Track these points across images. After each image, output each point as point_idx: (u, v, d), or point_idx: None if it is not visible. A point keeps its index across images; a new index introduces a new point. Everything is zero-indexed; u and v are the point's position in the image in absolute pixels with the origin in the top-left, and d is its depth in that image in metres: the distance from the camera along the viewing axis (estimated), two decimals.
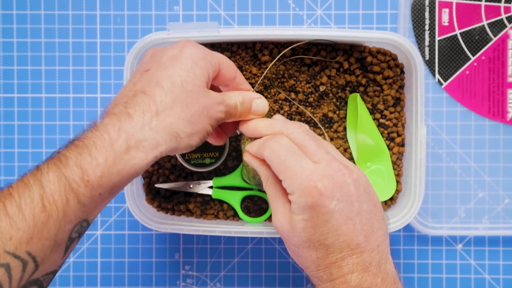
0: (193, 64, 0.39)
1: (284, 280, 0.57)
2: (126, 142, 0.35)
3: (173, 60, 0.39)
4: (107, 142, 0.34)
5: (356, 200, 0.37)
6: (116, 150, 0.34)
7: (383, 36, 0.48)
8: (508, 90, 0.56)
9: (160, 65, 0.39)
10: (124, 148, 0.35)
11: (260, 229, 0.49)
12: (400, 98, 0.52)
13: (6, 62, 0.57)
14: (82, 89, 0.57)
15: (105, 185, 0.34)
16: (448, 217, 0.56)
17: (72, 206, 0.33)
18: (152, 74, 0.38)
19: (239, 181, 0.51)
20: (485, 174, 0.56)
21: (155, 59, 0.40)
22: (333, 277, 0.36)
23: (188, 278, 0.57)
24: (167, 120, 0.36)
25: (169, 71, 0.38)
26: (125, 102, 0.37)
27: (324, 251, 0.37)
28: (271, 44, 0.51)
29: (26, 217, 0.32)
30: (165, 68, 0.38)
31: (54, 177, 0.33)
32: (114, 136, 0.35)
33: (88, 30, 0.57)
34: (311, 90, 0.51)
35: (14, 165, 0.57)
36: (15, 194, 0.33)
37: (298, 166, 0.37)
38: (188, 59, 0.39)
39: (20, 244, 0.32)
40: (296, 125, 0.41)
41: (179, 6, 0.57)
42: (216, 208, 0.53)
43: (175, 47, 0.40)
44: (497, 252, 0.57)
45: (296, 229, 0.37)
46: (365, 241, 0.37)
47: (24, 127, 0.57)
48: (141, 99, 0.36)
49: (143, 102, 0.36)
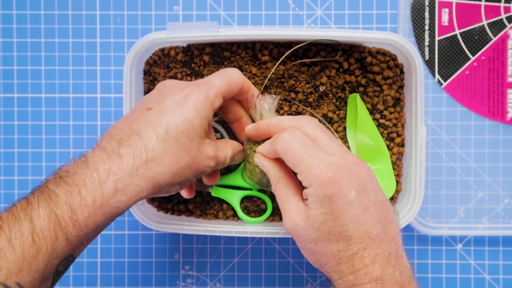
0: (195, 114, 0.40)
1: (284, 280, 0.57)
2: (114, 185, 0.36)
3: (176, 105, 0.39)
4: (96, 183, 0.35)
5: (371, 190, 0.37)
6: (104, 192, 0.35)
7: (382, 36, 0.48)
8: (508, 90, 0.56)
9: (162, 107, 0.40)
10: (112, 191, 0.36)
11: (260, 229, 0.49)
12: (400, 98, 0.52)
13: (6, 62, 0.57)
14: (82, 89, 0.57)
15: (91, 225, 0.35)
16: (448, 217, 0.56)
17: (60, 242, 0.34)
18: (152, 116, 0.39)
19: (239, 181, 0.51)
20: (485, 174, 0.56)
21: (160, 98, 0.40)
22: (355, 269, 0.36)
23: (188, 278, 0.57)
24: (154, 170, 0.37)
25: (168, 118, 0.39)
26: (119, 140, 0.38)
27: (345, 243, 0.37)
28: (271, 44, 0.51)
29: (16, 250, 0.33)
30: (166, 113, 0.39)
31: (44, 214, 0.34)
32: (103, 177, 0.36)
33: (88, 30, 0.57)
34: (310, 90, 0.51)
35: (14, 165, 0.57)
36: (5, 227, 0.34)
37: (314, 157, 0.37)
38: (191, 108, 0.40)
39: (10, 275, 0.32)
40: (305, 118, 0.41)
41: (179, 6, 0.57)
42: (216, 208, 0.53)
43: (182, 91, 0.41)
44: (497, 252, 0.57)
45: (315, 224, 0.37)
46: (383, 231, 0.37)
47: (24, 127, 0.57)
48: (134, 142, 0.37)
49: (136, 146, 0.37)
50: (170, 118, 0.39)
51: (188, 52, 0.51)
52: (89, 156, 0.37)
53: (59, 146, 0.57)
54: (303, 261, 0.57)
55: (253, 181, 0.49)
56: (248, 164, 0.48)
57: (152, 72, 0.52)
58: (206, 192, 0.52)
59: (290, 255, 0.57)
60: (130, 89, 0.48)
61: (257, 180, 0.47)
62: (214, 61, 0.51)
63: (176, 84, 0.42)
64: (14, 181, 0.57)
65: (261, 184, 0.48)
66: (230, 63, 0.51)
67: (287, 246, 0.57)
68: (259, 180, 0.47)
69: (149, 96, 0.42)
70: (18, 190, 0.57)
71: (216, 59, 0.51)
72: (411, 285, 0.37)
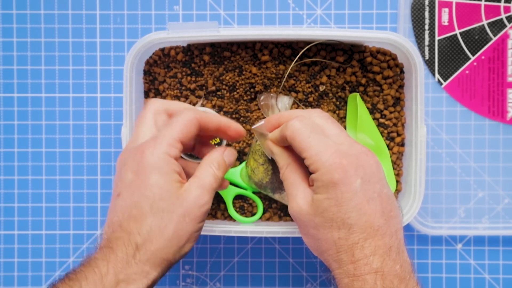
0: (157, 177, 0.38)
1: (284, 280, 0.57)
2: (115, 276, 0.36)
3: (136, 178, 0.38)
4: (97, 276, 0.36)
5: (377, 182, 0.37)
6: (105, 284, 0.35)
7: (383, 35, 0.48)
8: (508, 89, 0.56)
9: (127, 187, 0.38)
10: (113, 282, 0.36)
11: (260, 229, 0.49)
12: (400, 98, 0.52)
13: (6, 61, 0.57)
14: (82, 89, 0.57)
15: None
16: (448, 217, 0.56)
17: None
18: (123, 201, 0.38)
19: (237, 178, 0.51)
20: (485, 174, 0.56)
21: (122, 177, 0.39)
22: (355, 259, 0.36)
23: (188, 278, 0.57)
24: (150, 250, 0.37)
25: (135, 197, 0.38)
26: (108, 237, 0.38)
27: (346, 231, 0.36)
28: (271, 44, 0.51)
29: None
30: (132, 192, 0.38)
31: None
32: (104, 270, 0.36)
33: (88, 29, 0.57)
34: (311, 89, 0.51)
35: (14, 165, 0.57)
36: None
37: (322, 143, 0.37)
38: (149, 173, 0.38)
39: None
40: (317, 110, 0.41)
41: (179, 5, 0.57)
42: (214, 207, 0.53)
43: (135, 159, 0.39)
44: (497, 252, 0.57)
45: (319, 209, 0.37)
46: (386, 224, 0.37)
47: (24, 126, 0.57)
48: (119, 235, 0.37)
49: (122, 238, 0.37)
50: (137, 195, 0.38)
51: (188, 52, 0.51)
52: (91, 254, 0.38)
53: (59, 146, 0.57)
54: (303, 261, 0.57)
55: (252, 181, 0.48)
56: (253, 161, 0.47)
57: (152, 72, 0.52)
58: None
59: (290, 255, 0.57)
60: (130, 89, 0.48)
61: (257, 179, 0.47)
62: (214, 61, 0.51)
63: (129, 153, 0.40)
64: (14, 181, 0.57)
65: (260, 185, 0.48)
66: (230, 62, 0.51)
67: (287, 246, 0.57)
68: (259, 180, 0.47)
69: (115, 177, 0.41)
70: (18, 190, 0.57)
71: (216, 59, 0.51)
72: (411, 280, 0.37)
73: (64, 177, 0.57)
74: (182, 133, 0.39)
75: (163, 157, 0.38)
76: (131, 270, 0.36)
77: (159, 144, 0.38)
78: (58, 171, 0.57)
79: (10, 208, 0.57)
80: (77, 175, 0.57)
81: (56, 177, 0.57)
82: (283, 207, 0.53)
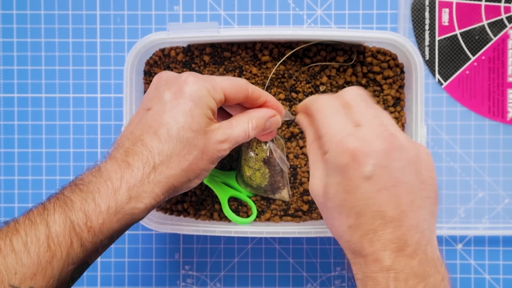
0: (192, 104, 0.39)
1: (284, 280, 0.57)
2: (127, 192, 0.36)
3: (173, 99, 0.39)
4: (110, 190, 0.36)
5: (395, 170, 0.34)
6: (118, 200, 0.36)
7: (383, 36, 0.48)
8: (508, 90, 0.56)
9: (160, 105, 0.39)
10: (125, 198, 0.36)
11: (260, 229, 0.49)
12: (400, 98, 0.52)
13: (6, 62, 0.57)
14: (82, 89, 0.57)
15: (106, 231, 0.36)
16: (448, 217, 0.56)
17: (75, 248, 0.34)
18: (151, 117, 0.39)
19: (233, 182, 0.51)
20: (485, 174, 0.56)
21: (157, 94, 0.40)
22: (365, 252, 0.34)
23: (188, 278, 0.57)
24: (165, 173, 0.37)
25: (167, 116, 0.38)
26: (126, 150, 0.38)
27: (355, 219, 0.34)
28: (271, 44, 0.51)
29: (31, 255, 0.33)
30: (164, 111, 0.39)
31: (60, 219, 0.34)
32: (117, 185, 0.36)
33: (88, 30, 0.57)
34: (311, 90, 0.51)
35: (14, 165, 0.57)
36: (21, 231, 0.34)
37: (338, 125, 0.36)
38: (188, 99, 0.39)
39: (25, 279, 0.33)
40: (354, 87, 0.40)
41: (179, 6, 0.57)
42: (209, 209, 0.52)
43: (177, 81, 0.40)
44: (497, 252, 0.57)
45: (329, 194, 0.36)
46: (402, 216, 0.34)
47: (24, 127, 0.57)
48: (140, 150, 0.38)
49: (142, 154, 0.37)
50: (169, 115, 0.38)
51: (189, 53, 0.51)
52: (102, 165, 0.37)
53: (59, 146, 0.57)
54: (303, 261, 0.57)
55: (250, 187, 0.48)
56: (247, 168, 0.47)
57: (153, 72, 0.52)
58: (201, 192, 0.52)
59: (290, 255, 0.57)
60: (130, 90, 0.49)
61: (256, 185, 0.47)
62: (214, 61, 0.51)
63: (172, 76, 0.41)
64: (14, 181, 0.57)
65: (259, 189, 0.48)
66: (230, 63, 0.51)
67: (287, 246, 0.57)
68: (258, 184, 0.47)
69: (148, 94, 0.42)
70: (18, 190, 0.57)
71: (217, 59, 0.51)
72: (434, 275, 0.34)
73: (64, 178, 0.57)
74: (230, 87, 0.41)
75: (204, 92, 0.39)
76: (142, 188, 0.37)
77: (204, 81, 0.40)
78: (58, 171, 0.57)
79: (10, 208, 0.57)
80: None
81: (56, 177, 0.57)
82: (283, 208, 0.53)
